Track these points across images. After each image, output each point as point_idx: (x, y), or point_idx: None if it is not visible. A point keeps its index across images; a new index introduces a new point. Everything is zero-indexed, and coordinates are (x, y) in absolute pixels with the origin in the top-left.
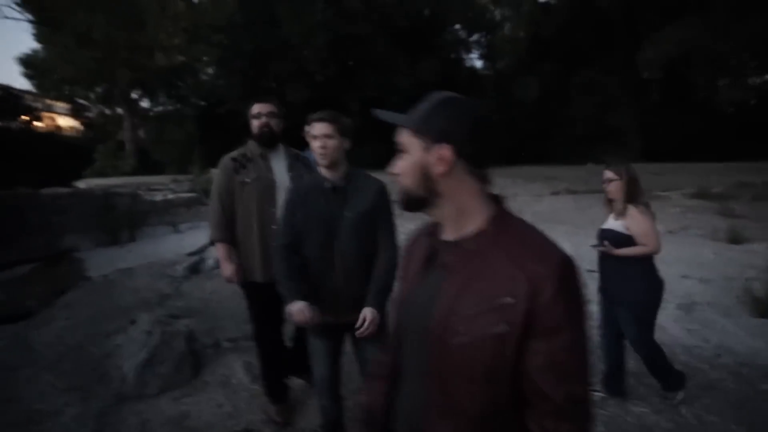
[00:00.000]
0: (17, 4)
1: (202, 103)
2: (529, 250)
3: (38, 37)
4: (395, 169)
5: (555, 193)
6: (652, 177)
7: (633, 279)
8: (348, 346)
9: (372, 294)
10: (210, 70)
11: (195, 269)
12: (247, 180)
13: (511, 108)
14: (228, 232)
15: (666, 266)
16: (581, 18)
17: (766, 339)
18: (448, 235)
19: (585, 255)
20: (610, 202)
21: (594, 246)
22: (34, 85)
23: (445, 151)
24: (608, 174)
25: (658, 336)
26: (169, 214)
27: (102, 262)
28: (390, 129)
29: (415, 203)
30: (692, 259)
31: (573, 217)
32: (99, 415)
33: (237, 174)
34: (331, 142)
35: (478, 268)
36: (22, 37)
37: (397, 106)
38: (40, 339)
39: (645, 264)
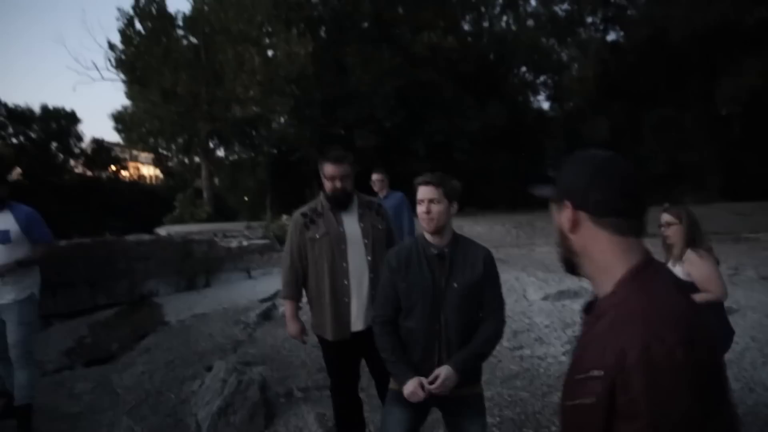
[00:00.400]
0: (113, 66)
1: (274, 150)
2: (631, 318)
3: (129, 94)
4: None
5: None
6: (738, 218)
7: None
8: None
9: (459, 354)
10: (282, 120)
11: (267, 316)
12: (317, 236)
13: (580, 149)
14: (297, 290)
15: (759, 314)
16: (652, 55)
17: None
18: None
19: None
20: (669, 247)
21: None
22: (122, 138)
23: (566, 207)
24: (666, 217)
25: (761, 397)
26: (243, 261)
27: (179, 307)
28: (458, 174)
29: (567, 265)
30: None
31: None
32: None
33: (307, 230)
34: (437, 207)
35: (593, 332)
36: (117, 96)
37: (464, 150)
38: (122, 383)
39: (713, 311)
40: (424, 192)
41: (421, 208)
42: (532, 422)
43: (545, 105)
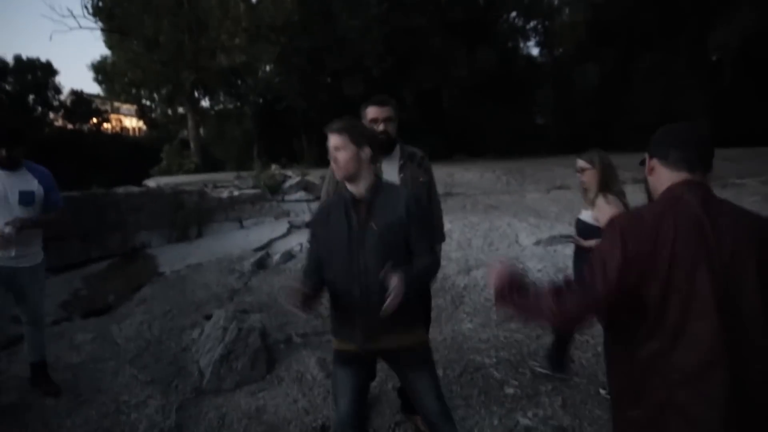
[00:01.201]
0: (90, 14)
1: (260, 100)
2: None
3: (108, 43)
4: None
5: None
6: (727, 163)
7: None
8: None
9: (408, 268)
10: (268, 68)
11: (261, 264)
12: None
13: (570, 96)
14: None
15: None
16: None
17: None
18: None
19: None
20: (585, 192)
21: (562, 237)
22: (103, 89)
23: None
24: (580, 163)
25: None
26: (234, 211)
27: (173, 258)
28: (447, 122)
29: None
30: None
31: None
32: (180, 407)
33: None
34: (343, 155)
35: None
36: (96, 45)
37: (453, 97)
38: (122, 333)
39: None
40: (329, 140)
41: (330, 156)
42: (528, 363)
43: (535, 51)
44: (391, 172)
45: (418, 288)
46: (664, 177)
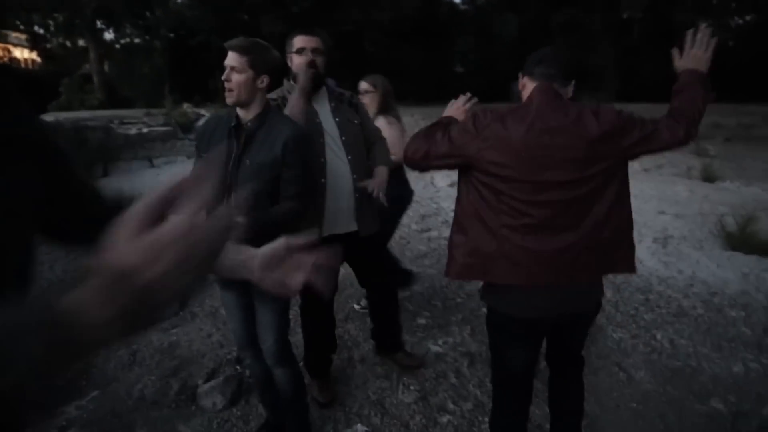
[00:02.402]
0: None
1: (172, 35)
2: None
3: None
4: None
5: None
6: None
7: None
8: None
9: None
10: (180, 0)
11: None
12: None
13: (490, 46)
14: None
15: (642, 202)
16: None
17: (735, 270)
18: None
19: None
20: None
21: None
22: None
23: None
24: (363, 85)
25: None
26: (144, 149)
27: None
28: (368, 66)
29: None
30: (668, 197)
31: None
32: None
33: None
34: (237, 77)
35: None
36: None
37: (375, 41)
38: None
39: (395, 173)
40: (228, 58)
41: (224, 77)
42: (439, 295)
43: None
44: (325, 116)
45: (267, 232)
46: (530, 89)
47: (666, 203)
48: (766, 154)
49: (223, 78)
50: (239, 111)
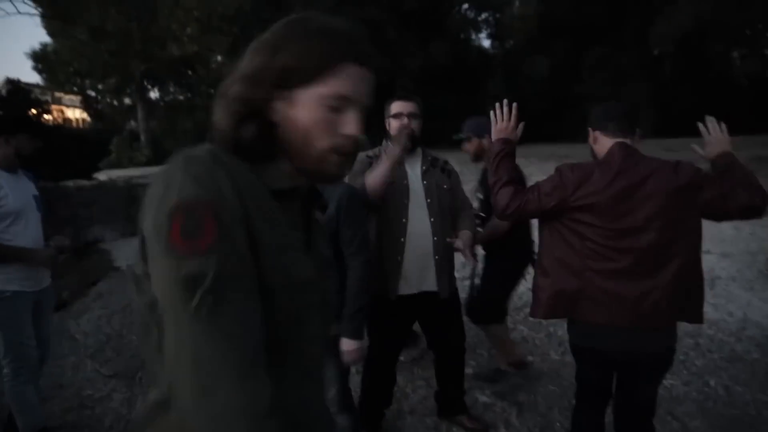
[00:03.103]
0: None
1: (212, 91)
2: None
3: (49, 30)
4: None
5: None
6: (668, 153)
7: None
8: None
9: (346, 320)
10: (219, 58)
11: None
12: None
13: (520, 87)
14: None
15: None
16: None
17: None
18: None
19: None
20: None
21: None
22: (44, 79)
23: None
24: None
25: None
26: None
27: (128, 252)
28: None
29: None
30: (713, 235)
31: None
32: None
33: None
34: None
35: None
36: (35, 32)
37: (408, 89)
38: (80, 328)
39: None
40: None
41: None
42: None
43: (486, 43)
44: (414, 178)
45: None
46: (605, 143)
47: (711, 242)
48: None
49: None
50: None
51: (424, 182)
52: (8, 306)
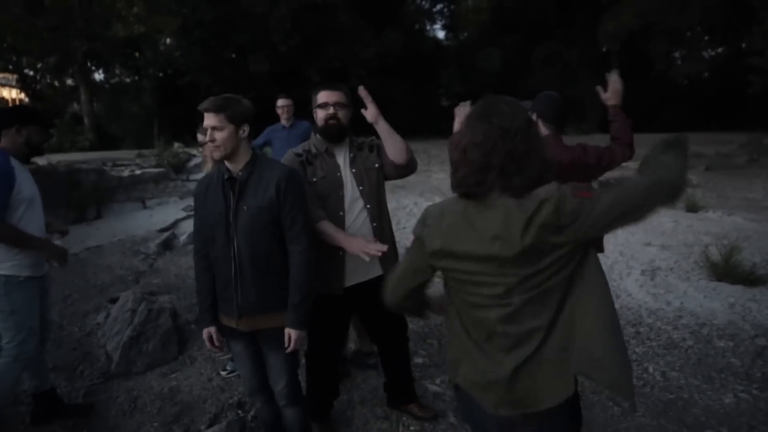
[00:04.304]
0: None
1: (160, 74)
2: None
3: None
4: None
5: None
6: None
7: None
8: None
9: (290, 309)
10: (168, 41)
11: (167, 245)
12: (315, 179)
13: (473, 79)
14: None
15: (630, 234)
16: None
17: (722, 300)
18: None
19: None
20: (205, 163)
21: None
22: None
23: None
24: (201, 138)
25: (625, 301)
26: (136, 190)
27: (70, 240)
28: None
29: None
30: (654, 228)
31: None
32: (88, 393)
33: (304, 171)
34: (221, 134)
35: None
36: None
37: (360, 77)
38: None
39: None
40: (206, 120)
41: (207, 136)
42: (434, 334)
43: (441, 34)
44: (344, 167)
45: (308, 289)
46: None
47: (652, 235)
48: (745, 182)
49: (207, 140)
50: (228, 164)
51: (353, 170)
52: (22, 291)
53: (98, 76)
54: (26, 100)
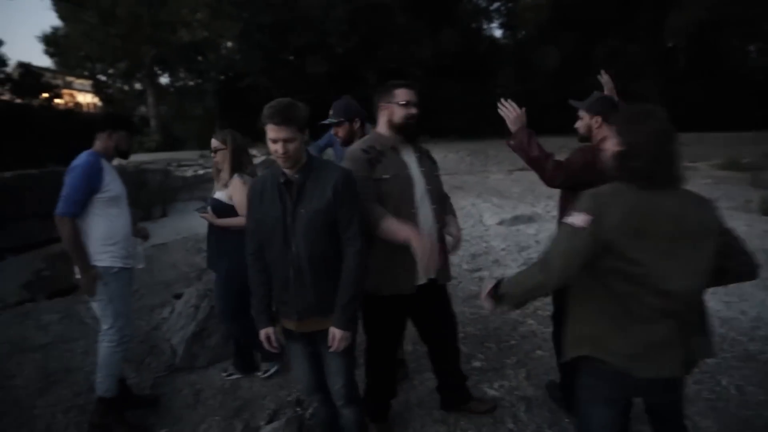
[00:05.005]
0: None
1: (222, 77)
2: None
3: (60, 14)
4: None
5: None
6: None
7: (228, 250)
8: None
9: (338, 310)
10: (230, 44)
11: None
12: (386, 176)
13: (531, 79)
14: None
15: None
16: None
17: None
18: None
19: None
20: (218, 172)
21: (197, 210)
22: (55, 62)
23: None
24: (213, 143)
25: None
26: (199, 190)
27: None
28: None
29: None
30: None
31: None
32: (154, 384)
33: (373, 168)
34: (293, 146)
35: None
36: (45, 15)
37: (416, 77)
38: (89, 313)
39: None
40: (276, 132)
41: (276, 147)
42: (493, 337)
43: (498, 33)
44: (412, 165)
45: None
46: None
47: None
48: None
49: (279, 151)
50: (284, 167)
51: (422, 169)
52: (118, 280)
53: (164, 79)
54: (100, 104)
